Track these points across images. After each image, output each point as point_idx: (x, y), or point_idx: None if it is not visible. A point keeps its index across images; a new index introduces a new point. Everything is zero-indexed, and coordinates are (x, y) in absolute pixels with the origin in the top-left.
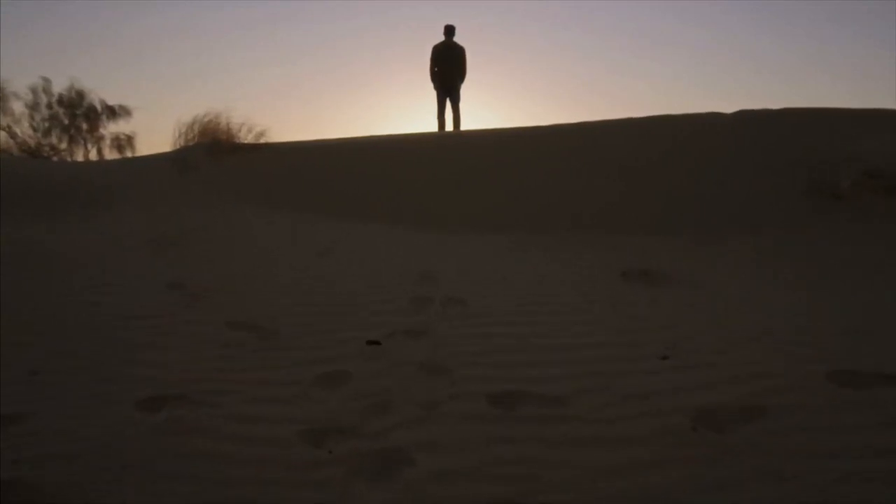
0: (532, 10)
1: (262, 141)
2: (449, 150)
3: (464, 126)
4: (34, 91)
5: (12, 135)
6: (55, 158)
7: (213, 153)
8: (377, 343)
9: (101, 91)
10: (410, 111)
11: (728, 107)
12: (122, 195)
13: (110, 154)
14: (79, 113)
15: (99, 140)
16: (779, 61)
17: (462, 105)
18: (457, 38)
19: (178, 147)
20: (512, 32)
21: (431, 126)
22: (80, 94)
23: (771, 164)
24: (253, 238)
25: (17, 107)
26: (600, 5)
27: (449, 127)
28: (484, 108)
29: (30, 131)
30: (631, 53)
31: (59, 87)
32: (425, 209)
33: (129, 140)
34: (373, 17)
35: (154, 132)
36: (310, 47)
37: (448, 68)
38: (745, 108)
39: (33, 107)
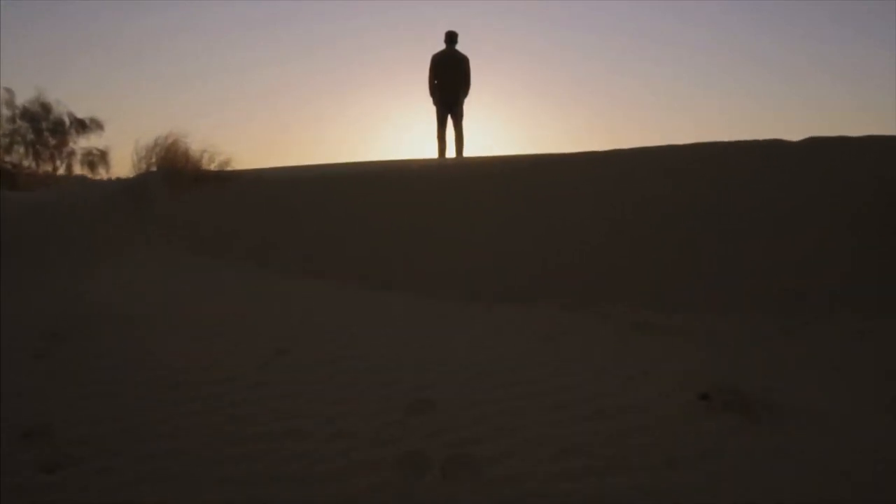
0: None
1: (228, 168)
2: (449, 185)
3: (467, 143)
4: None
5: None
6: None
7: (173, 183)
8: None
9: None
10: (410, 111)
11: (728, 107)
12: (40, 243)
13: (82, 171)
14: (45, 127)
15: (69, 156)
16: (779, 61)
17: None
18: (459, 46)
19: (136, 173)
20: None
21: (431, 135)
22: (46, 107)
23: (860, 210)
24: (186, 323)
25: None
26: (601, 5)
27: (451, 149)
28: (483, 108)
29: None
30: (631, 53)
31: (23, 98)
32: (422, 268)
33: (103, 155)
34: (373, 17)
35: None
36: (309, 47)
37: (449, 80)
38: (814, 136)
39: None
